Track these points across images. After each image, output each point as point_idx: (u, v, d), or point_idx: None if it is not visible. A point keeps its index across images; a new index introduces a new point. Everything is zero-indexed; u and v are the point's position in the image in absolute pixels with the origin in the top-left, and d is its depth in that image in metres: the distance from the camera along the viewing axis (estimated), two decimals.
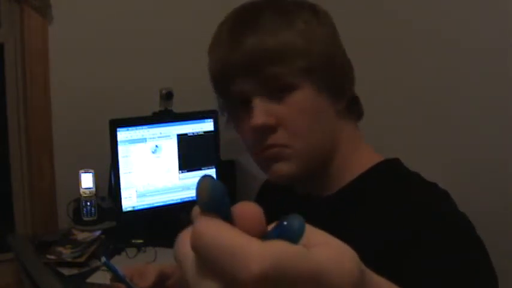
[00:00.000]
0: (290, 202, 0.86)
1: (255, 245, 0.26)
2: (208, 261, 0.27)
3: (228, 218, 0.28)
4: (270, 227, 0.29)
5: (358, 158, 0.81)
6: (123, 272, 0.92)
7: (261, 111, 0.75)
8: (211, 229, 0.27)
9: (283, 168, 0.77)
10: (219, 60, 0.79)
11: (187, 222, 0.30)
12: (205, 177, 0.28)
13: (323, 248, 0.28)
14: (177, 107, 2.04)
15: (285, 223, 0.28)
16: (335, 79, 0.78)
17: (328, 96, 0.77)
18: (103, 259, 0.94)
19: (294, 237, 0.27)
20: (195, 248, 0.27)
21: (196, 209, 0.30)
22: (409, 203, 0.72)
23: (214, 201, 0.28)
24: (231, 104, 0.82)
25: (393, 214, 0.71)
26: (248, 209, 0.28)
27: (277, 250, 0.26)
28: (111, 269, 0.93)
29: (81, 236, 1.85)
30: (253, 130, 0.76)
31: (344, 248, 0.29)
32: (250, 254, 0.25)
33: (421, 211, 0.70)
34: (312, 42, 0.76)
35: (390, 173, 0.79)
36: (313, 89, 0.76)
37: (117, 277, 0.92)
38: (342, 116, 0.80)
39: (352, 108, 0.82)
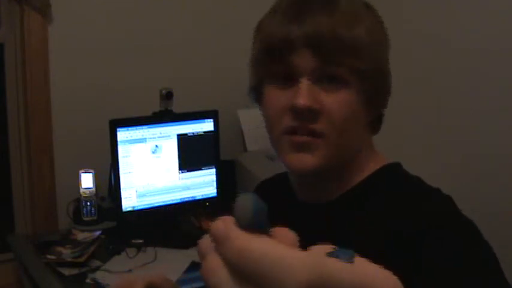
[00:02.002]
0: (289, 207, 0.85)
1: (302, 255, 0.26)
2: (254, 275, 0.27)
3: (267, 233, 0.28)
4: None
5: (367, 165, 0.80)
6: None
7: (307, 92, 0.72)
8: (257, 243, 0.27)
9: (309, 160, 0.74)
10: (285, 29, 0.73)
11: (187, 222, 0.31)
12: (248, 196, 0.28)
13: (369, 263, 0.28)
14: (177, 107, 2.04)
15: (334, 252, 0.28)
16: (376, 90, 0.77)
17: (365, 104, 0.76)
18: (91, 275, 0.92)
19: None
20: (240, 263, 0.27)
21: (221, 223, 0.29)
22: (417, 207, 0.72)
23: (259, 220, 0.28)
24: (272, 74, 0.76)
25: (397, 218, 0.71)
26: (286, 233, 0.28)
27: (323, 261, 0.26)
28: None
29: (81, 236, 1.85)
30: (294, 109, 0.72)
31: (387, 272, 0.29)
32: (297, 265, 0.26)
33: (431, 215, 0.70)
34: (374, 46, 0.75)
35: (393, 178, 0.79)
36: (359, 92, 0.74)
37: None
38: (366, 127, 0.80)
39: (375, 123, 0.82)
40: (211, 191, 2.04)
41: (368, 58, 0.74)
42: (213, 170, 2.04)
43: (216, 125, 2.03)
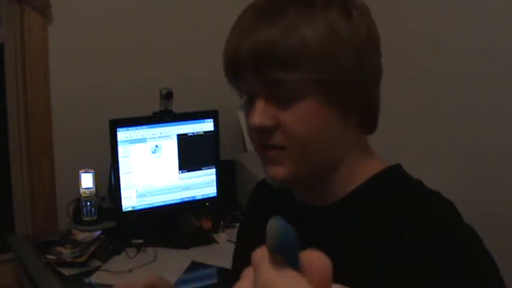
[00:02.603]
0: (287, 208, 0.85)
1: None
2: None
3: (295, 262, 0.28)
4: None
5: (362, 168, 0.78)
6: None
7: (261, 112, 0.72)
8: (280, 281, 0.27)
9: (278, 172, 0.75)
10: (231, 50, 0.73)
11: (187, 222, 0.31)
12: (276, 220, 0.28)
13: None
14: (177, 107, 2.04)
15: None
16: (348, 94, 0.72)
17: (337, 109, 0.73)
18: (87, 280, 0.92)
19: None
20: None
21: (260, 251, 0.30)
22: (419, 209, 0.71)
23: (284, 245, 0.28)
24: (240, 98, 0.78)
25: (397, 219, 0.70)
26: (318, 261, 0.28)
27: None
28: None
29: (81, 236, 1.85)
30: (251, 129, 0.75)
31: None
32: None
33: (433, 217, 0.69)
34: (331, 52, 0.70)
35: (394, 181, 0.77)
36: (320, 101, 0.71)
37: None
38: (352, 128, 0.76)
39: (366, 121, 0.77)
40: (211, 191, 2.04)
41: (321, 63, 0.69)
42: (213, 170, 2.04)
43: (216, 125, 2.03)
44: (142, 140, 1.91)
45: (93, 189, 1.99)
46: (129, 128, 1.88)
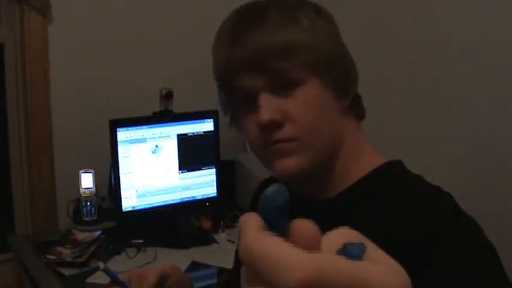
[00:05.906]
0: (294, 204, 0.85)
1: (300, 254, 0.26)
2: (256, 272, 0.27)
3: (283, 229, 0.28)
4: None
5: (361, 159, 0.80)
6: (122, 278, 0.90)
7: (268, 107, 0.74)
8: (260, 243, 0.27)
9: (288, 163, 0.75)
10: (224, 57, 0.78)
11: (187, 222, 0.31)
12: (273, 185, 0.28)
13: (374, 264, 0.28)
14: (177, 107, 2.04)
15: (346, 247, 0.28)
16: (339, 76, 0.77)
17: (333, 93, 0.77)
18: (102, 265, 0.92)
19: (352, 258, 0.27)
20: (244, 260, 0.28)
21: (246, 216, 0.30)
22: (418, 206, 0.71)
23: (271, 207, 0.28)
24: (235, 102, 0.81)
25: (398, 217, 0.71)
26: (307, 227, 0.28)
27: (322, 259, 0.26)
28: (111, 276, 0.91)
29: (81, 236, 1.85)
30: (260, 126, 0.75)
31: (398, 268, 0.29)
32: (294, 262, 0.26)
33: (433, 214, 0.69)
34: (317, 38, 0.76)
35: (394, 176, 0.78)
36: (319, 84, 0.75)
37: (117, 282, 0.90)
38: (345, 115, 0.80)
39: (355, 108, 0.82)
40: (211, 191, 2.04)
41: (314, 51, 0.75)
42: (213, 170, 2.04)
43: (216, 125, 2.03)
44: (142, 140, 1.91)
45: (93, 189, 1.99)
46: (129, 128, 1.88)
